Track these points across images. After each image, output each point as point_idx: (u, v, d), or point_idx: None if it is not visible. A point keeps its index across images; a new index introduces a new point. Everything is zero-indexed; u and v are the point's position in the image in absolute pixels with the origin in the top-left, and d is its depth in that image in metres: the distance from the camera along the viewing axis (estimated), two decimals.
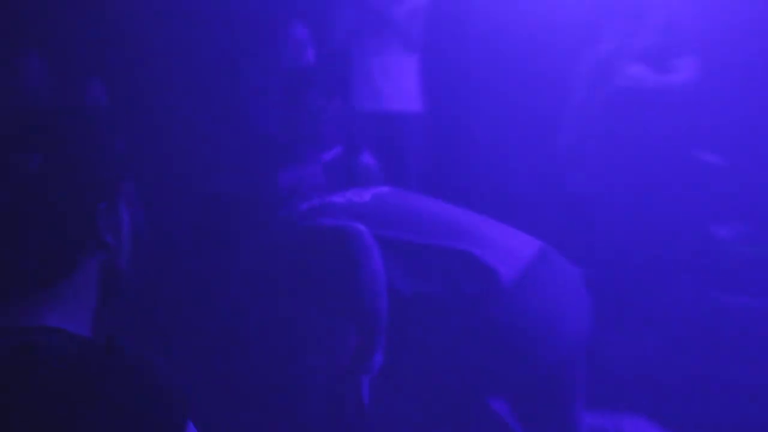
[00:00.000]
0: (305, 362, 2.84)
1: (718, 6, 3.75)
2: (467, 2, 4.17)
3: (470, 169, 4.26)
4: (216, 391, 2.75)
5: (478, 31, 4.11)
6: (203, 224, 2.67)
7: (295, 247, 2.42)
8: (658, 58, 3.76)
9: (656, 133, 3.72)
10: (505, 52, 3.99)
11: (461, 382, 2.44)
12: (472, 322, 2.37)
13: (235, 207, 2.68)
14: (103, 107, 3.05)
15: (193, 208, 2.67)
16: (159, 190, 2.82)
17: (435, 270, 2.39)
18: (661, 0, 3.83)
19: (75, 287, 1.18)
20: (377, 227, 2.36)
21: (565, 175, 3.91)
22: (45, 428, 1.05)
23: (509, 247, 2.46)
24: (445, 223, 2.49)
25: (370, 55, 3.98)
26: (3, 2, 3.08)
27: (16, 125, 1.18)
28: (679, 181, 3.74)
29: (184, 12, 3.36)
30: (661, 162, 3.75)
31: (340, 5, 3.96)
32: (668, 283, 3.75)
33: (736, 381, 3.53)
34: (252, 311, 2.78)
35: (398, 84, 4.03)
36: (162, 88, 3.22)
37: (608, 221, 3.82)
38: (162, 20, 3.32)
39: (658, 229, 3.79)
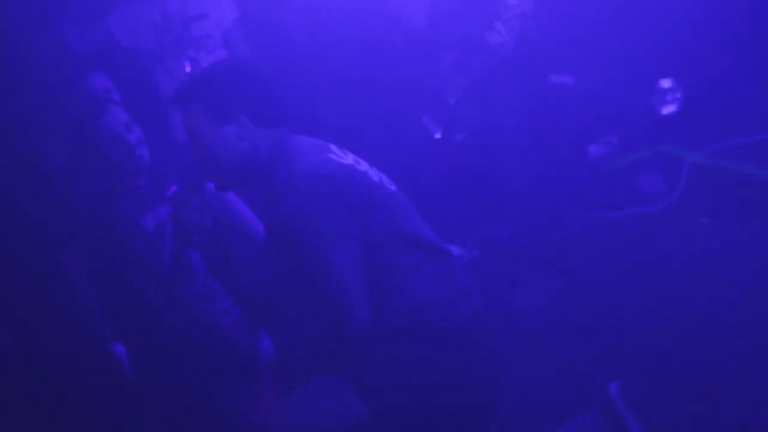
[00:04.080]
0: None
1: None
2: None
3: None
4: None
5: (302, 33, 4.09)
6: None
7: None
8: None
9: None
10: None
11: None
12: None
13: None
14: None
15: None
16: None
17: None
18: None
19: None
20: None
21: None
22: None
23: None
24: None
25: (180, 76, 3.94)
26: None
27: None
28: (544, 110, 3.81)
29: None
30: (525, 96, 3.82)
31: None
32: (560, 216, 3.84)
33: (640, 290, 3.67)
34: None
35: None
36: None
37: (496, 167, 3.88)
38: None
39: (540, 163, 3.86)
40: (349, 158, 2.61)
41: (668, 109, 3.88)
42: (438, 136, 3.88)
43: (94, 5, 4.06)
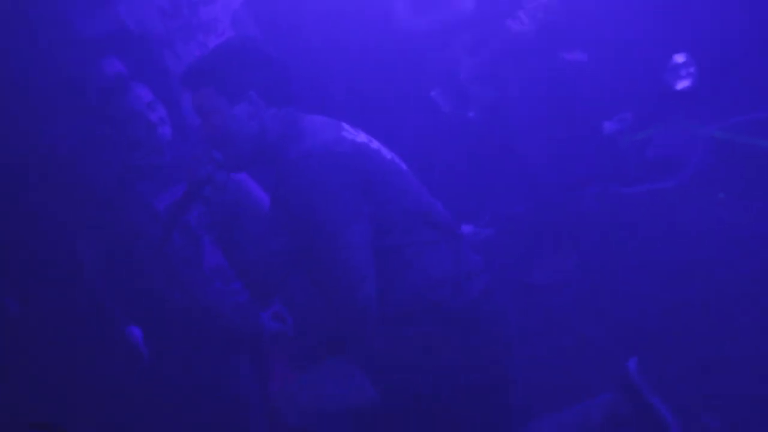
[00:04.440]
0: None
1: None
2: None
3: None
4: None
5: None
6: None
7: None
8: None
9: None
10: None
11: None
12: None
13: None
14: None
15: None
16: None
17: None
18: None
19: None
20: None
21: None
22: None
23: None
24: None
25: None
26: None
27: None
28: (557, 87, 3.79)
29: None
30: (538, 73, 3.79)
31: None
32: (575, 194, 3.82)
33: (657, 266, 3.65)
34: None
35: None
36: None
37: (510, 145, 3.86)
38: None
39: (554, 140, 3.84)
40: (362, 136, 2.60)
41: (682, 85, 3.85)
42: (446, 110, 3.85)
43: None
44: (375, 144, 2.62)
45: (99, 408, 2.88)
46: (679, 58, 3.86)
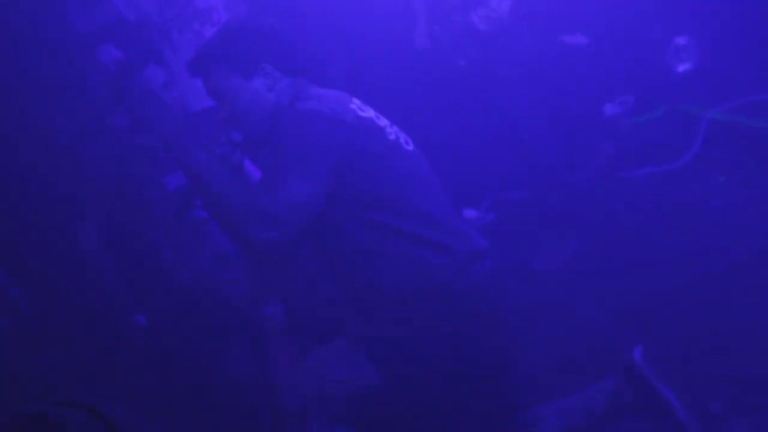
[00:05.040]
0: None
1: None
2: None
3: None
4: None
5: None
6: None
7: None
8: None
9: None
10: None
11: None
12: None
13: None
14: None
15: None
16: None
17: None
18: None
19: None
20: None
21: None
22: None
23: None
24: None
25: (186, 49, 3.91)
26: None
27: None
28: (557, 70, 3.77)
29: None
30: (536, 56, 3.77)
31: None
32: (575, 178, 3.80)
33: (658, 250, 3.64)
34: None
35: None
36: None
37: (511, 130, 3.84)
38: None
39: (555, 125, 3.82)
40: (369, 112, 2.60)
41: (684, 67, 3.83)
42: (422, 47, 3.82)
43: None
44: (382, 121, 2.62)
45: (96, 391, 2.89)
46: (681, 40, 3.84)
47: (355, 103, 2.59)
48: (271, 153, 2.51)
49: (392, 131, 2.63)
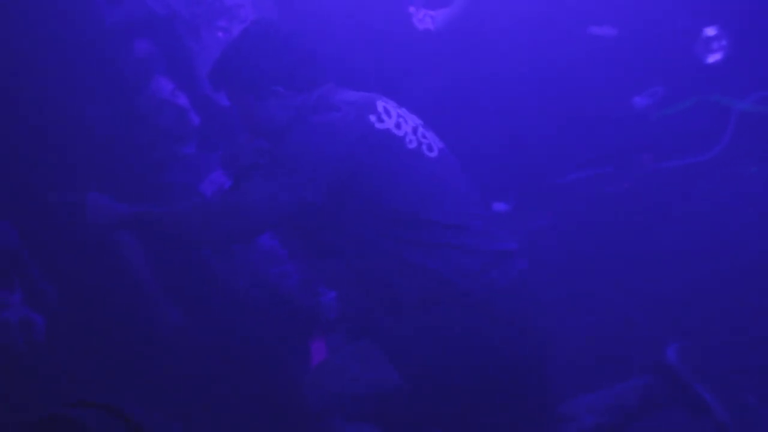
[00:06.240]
0: None
1: None
2: None
3: None
4: None
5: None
6: None
7: None
8: None
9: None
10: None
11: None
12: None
13: None
14: None
15: None
16: None
17: None
18: None
19: None
20: None
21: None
22: None
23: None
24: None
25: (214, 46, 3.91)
26: None
27: None
28: (585, 62, 3.75)
29: None
30: (564, 49, 3.75)
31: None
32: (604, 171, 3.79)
33: (689, 240, 3.63)
34: None
35: None
36: None
37: (539, 123, 3.83)
38: None
39: (582, 117, 3.81)
40: (390, 119, 2.56)
41: (714, 57, 3.79)
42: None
43: None
44: (405, 128, 2.58)
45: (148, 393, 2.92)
46: (710, 30, 3.81)
47: (379, 110, 2.55)
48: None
49: (414, 138, 2.57)
